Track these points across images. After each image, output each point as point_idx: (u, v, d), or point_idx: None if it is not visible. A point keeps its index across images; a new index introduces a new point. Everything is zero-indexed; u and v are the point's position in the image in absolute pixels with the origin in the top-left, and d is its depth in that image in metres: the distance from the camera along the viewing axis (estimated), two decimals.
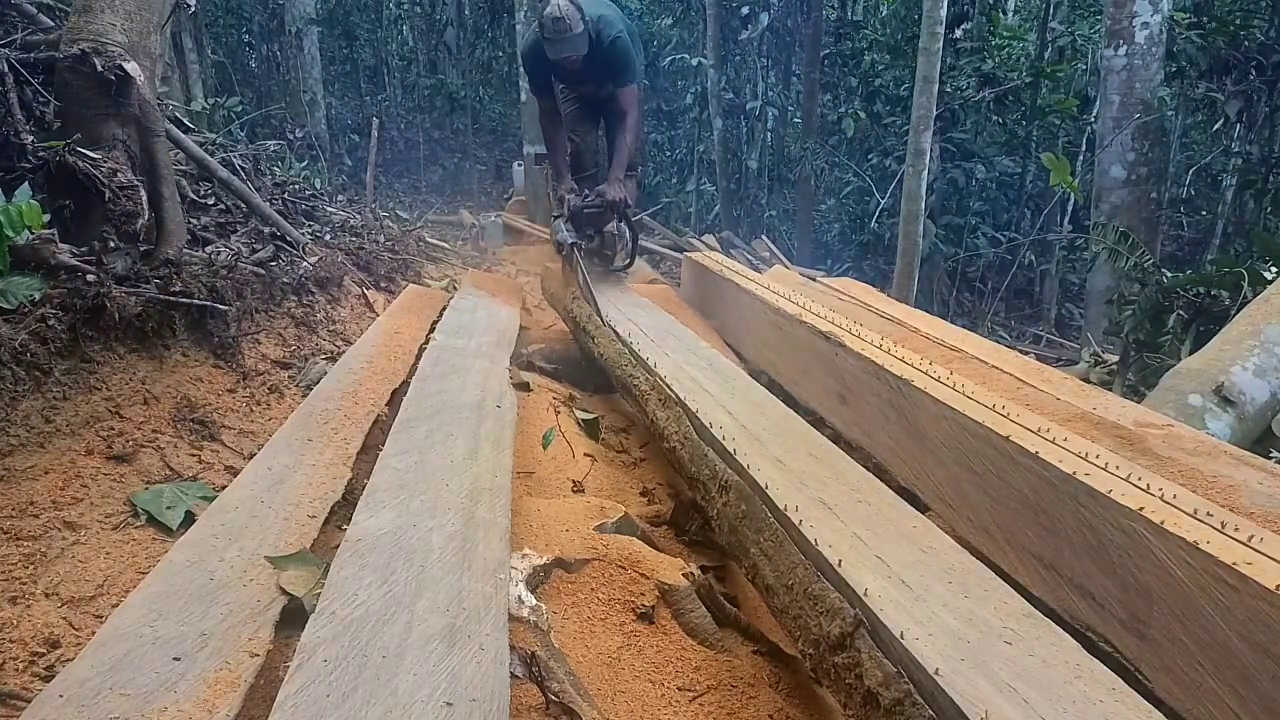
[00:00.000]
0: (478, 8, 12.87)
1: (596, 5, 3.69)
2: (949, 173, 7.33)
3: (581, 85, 3.88)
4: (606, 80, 3.66)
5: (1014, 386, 2.19)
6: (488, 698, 0.98)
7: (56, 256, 2.04)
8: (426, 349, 2.55)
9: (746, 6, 8.96)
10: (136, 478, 1.81)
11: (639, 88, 3.60)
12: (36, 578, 1.43)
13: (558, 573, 1.48)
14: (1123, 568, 1.38)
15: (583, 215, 3.63)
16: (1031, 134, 7.79)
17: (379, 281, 3.94)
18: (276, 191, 4.31)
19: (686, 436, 1.84)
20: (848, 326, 2.59)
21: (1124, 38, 5.75)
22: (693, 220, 9.82)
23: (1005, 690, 0.97)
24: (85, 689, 1.00)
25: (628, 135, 3.62)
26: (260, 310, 2.77)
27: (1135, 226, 5.43)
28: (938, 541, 1.35)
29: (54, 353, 1.87)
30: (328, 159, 9.24)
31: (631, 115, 3.62)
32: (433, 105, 12.79)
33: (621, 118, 3.64)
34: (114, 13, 2.45)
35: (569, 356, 3.14)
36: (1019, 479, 1.63)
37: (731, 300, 3.52)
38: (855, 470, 1.66)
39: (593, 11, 3.60)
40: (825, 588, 1.17)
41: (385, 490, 1.51)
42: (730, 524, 1.50)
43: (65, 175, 2.20)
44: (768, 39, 9.57)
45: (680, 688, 1.34)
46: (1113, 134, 5.86)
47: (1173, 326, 3.44)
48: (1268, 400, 2.47)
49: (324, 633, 1.07)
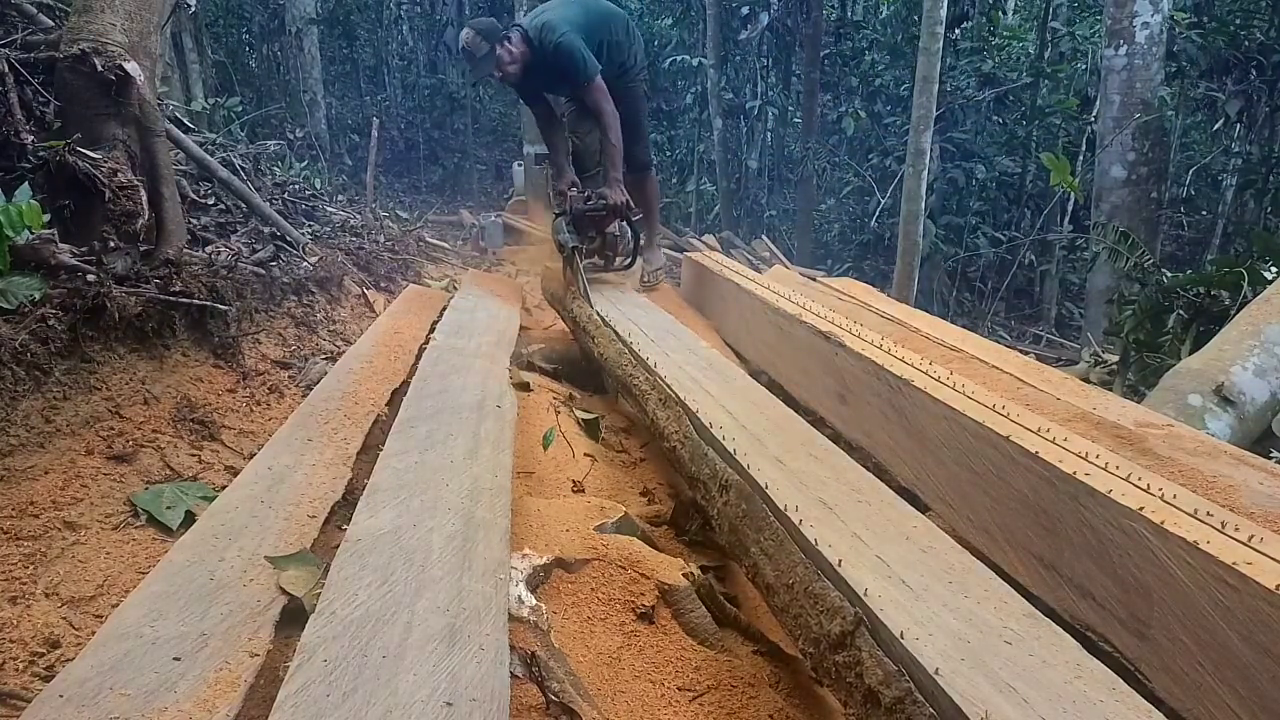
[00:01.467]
0: (478, 8, 12.87)
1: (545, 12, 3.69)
2: (949, 173, 7.33)
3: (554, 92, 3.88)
4: (565, 83, 3.63)
5: (1014, 386, 2.19)
6: (488, 698, 0.98)
7: (56, 256, 2.04)
8: (426, 349, 2.55)
9: (746, 6, 8.96)
10: (136, 478, 1.81)
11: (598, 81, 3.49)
12: (36, 578, 1.43)
13: (558, 573, 1.48)
14: (1123, 568, 1.38)
15: (585, 217, 3.60)
16: (1031, 134, 7.80)
17: (379, 281, 3.94)
18: (276, 191, 4.31)
19: (686, 436, 1.83)
20: (848, 326, 2.59)
21: (1124, 37, 5.75)
22: (693, 220, 9.82)
23: (1005, 690, 0.97)
24: (85, 689, 1.00)
25: (609, 133, 3.55)
26: (260, 310, 2.77)
27: (1135, 226, 5.43)
28: (938, 541, 1.35)
29: (54, 353, 1.87)
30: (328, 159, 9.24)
31: (604, 110, 3.53)
32: (433, 105, 12.79)
33: (597, 117, 3.59)
34: (114, 13, 2.45)
35: (569, 356, 3.14)
36: (1019, 479, 1.63)
37: (731, 300, 3.52)
38: (855, 470, 1.66)
39: (534, 21, 3.61)
40: (825, 587, 1.17)
41: (385, 490, 1.51)
42: (730, 524, 1.50)
43: (65, 175, 2.20)
44: (767, 39, 9.56)
45: (680, 688, 1.34)
46: (1113, 134, 5.86)
47: (1173, 326, 3.44)
48: (1268, 400, 2.47)
49: (324, 633, 1.07)
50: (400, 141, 12.11)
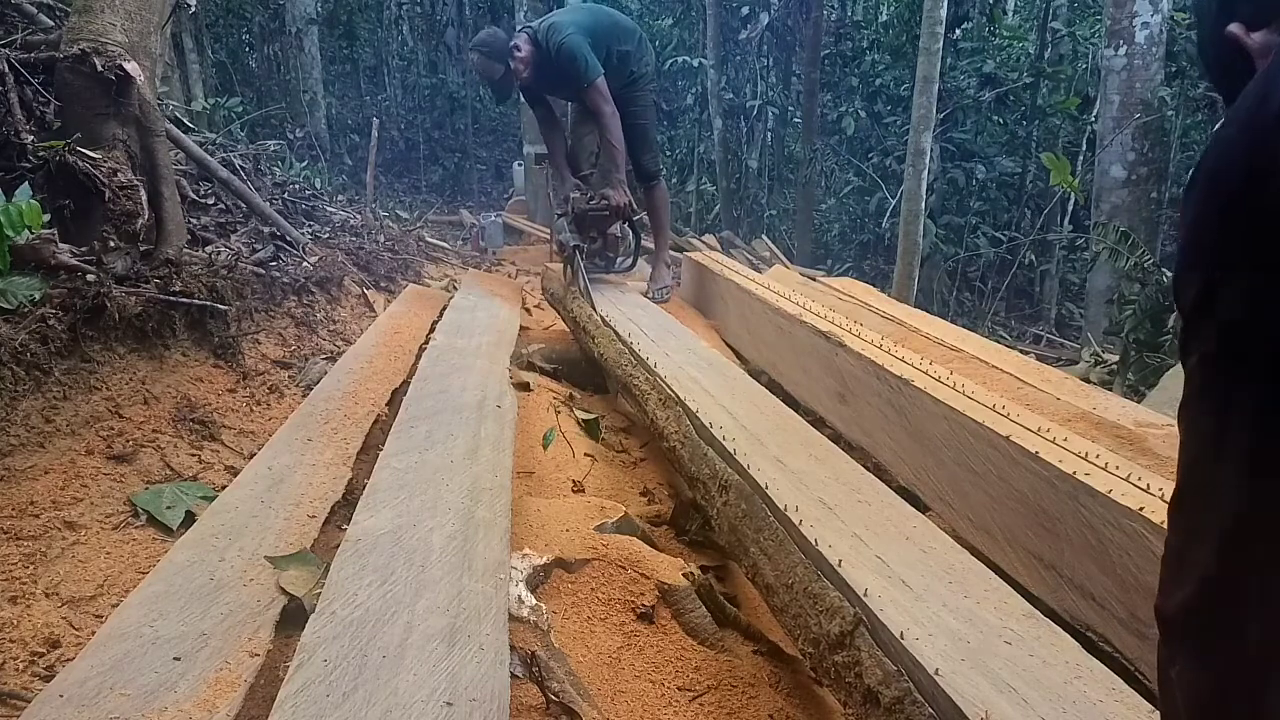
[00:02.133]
0: (478, 7, 12.86)
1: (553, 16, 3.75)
2: (949, 173, 7.33)
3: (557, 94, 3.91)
4: (568, 85, 3.64)
5: (1014, 386, 2.19)
6: (488, 698, 0.98)
7: (56, 256, 2.04)
8: (426, 349, 2.55)
9: (746, 6, 8.96)
10: (136, 478, 1.81)
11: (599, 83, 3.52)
12: (36, 578, 1.43)
13: (558, 573, 1.48)
14: (1123, 568, 1.38)
15: (586, 218, 3.62)
16: (1032, 134, 7.79)
17: (379, 281, 3.94)
18: (276, 191, 4.31)
19: (686, 436, 1.83)
20: (848, 326, 2.59)
21: (1124, 38, 5.75)
22: (693, 220, 9.82)
23: (1005, 690, 0.97)
24: (85, 689, 1.00)
25: (608, 135, 3.57)
26: (260, 310, 2.77)
27: (1135, 226, 5.43)
28: (938, 541, 1.35)
29: (54, 353, 1.87)
30: (328, 159, 9.25)
31: (604, 112, 3.54)
32: (433, 105, 12.79)
33: (596, 117, 3.61)
34: (114, 13, 2.45)
35: (569, 356, 3.14)
36: (1019, 479, 1.63)
37: (731, 300, 3.52)
38: (855, 470, 1.66)
39: (542, 24, 3.64)
40: (825, 587, 1.17)
41: (385, 490, 1.51)
42: (730, 524, 1.50)
43: (65, 175, 2.20)
44: (768, 39, 9.56)
45: (680, 687, 1.34)
46: (1113, 134, 5.86)
47: (1173, 326, 3.43)
48: None
49: (324, 633, 1.07)
50: (400, 141, 12.12)
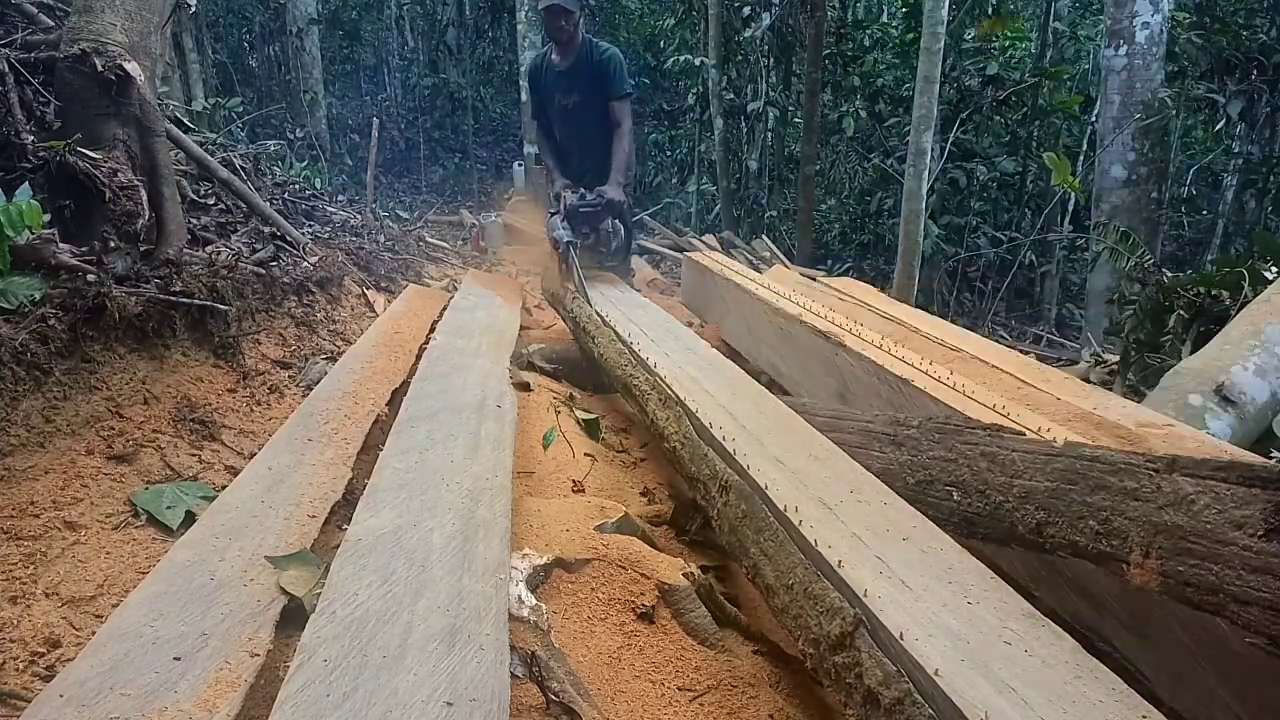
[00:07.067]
0: (479, 7, 12.87)
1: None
2: (949, 173, 7.33)
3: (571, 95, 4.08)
4: (600, 90, 3.97)
5: (1014, 386, 2.19)
6: (488, 698, 0.98)
7: (57, 256, 2.04)
8: (426, 349, 2.55)
9: (748, 6, 8.95)
10: (137, 478, 1.81)
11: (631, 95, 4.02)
12: (37, 577, 1.43)
13: (558, 573, 1.48)
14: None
15: (579, 214, 3.73)
16: (1033, 134, 7.80)
17: (379, 281, 3.94)
18: (277, 191, 4.31)
19: (686, 436, 1.83)
20: (848, 326, 2.59)
21: (1124, 38, 5.75)
22: (693, 220, 9.83)
23: (1005, 690, 0.97)
24: (85, 689, 1.00)
25: (624, 142, 3.93)
26: (260, 310, 2.77)
27: (1136, 226, 5.43)
28: (938, 541, 1.35)
29: (54, 353, 1.87)
30: (328, 159, 9.25)
31: (625, 125, 3.96)
32: (433, 105, 12.80)
33: (617, 126, 3.95)
34: (114, 13, 2.45)
35: (569, 356, 3.14)
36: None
37: (732, 300, 3.51)
38: (855, 470, 1.65)
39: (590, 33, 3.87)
40: (825, 587, 1.17)
41: (385, 490, 1.51)
42: (730, 524, 1.50)
43: (65, 175, 2.20)
44: (769, 39, 9.56)
45: (680, 688, 1.34)
46: (1113, 134, 5.86)
47: (1173, 326, 3.43)
48: (1268, 400, 2.46)
49: (324, 632, 1.07)
50: (400, 141, 12.13)
